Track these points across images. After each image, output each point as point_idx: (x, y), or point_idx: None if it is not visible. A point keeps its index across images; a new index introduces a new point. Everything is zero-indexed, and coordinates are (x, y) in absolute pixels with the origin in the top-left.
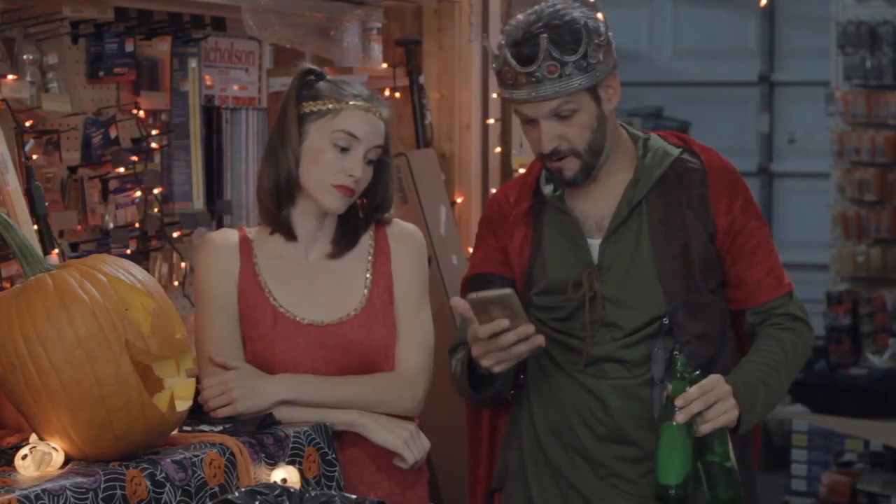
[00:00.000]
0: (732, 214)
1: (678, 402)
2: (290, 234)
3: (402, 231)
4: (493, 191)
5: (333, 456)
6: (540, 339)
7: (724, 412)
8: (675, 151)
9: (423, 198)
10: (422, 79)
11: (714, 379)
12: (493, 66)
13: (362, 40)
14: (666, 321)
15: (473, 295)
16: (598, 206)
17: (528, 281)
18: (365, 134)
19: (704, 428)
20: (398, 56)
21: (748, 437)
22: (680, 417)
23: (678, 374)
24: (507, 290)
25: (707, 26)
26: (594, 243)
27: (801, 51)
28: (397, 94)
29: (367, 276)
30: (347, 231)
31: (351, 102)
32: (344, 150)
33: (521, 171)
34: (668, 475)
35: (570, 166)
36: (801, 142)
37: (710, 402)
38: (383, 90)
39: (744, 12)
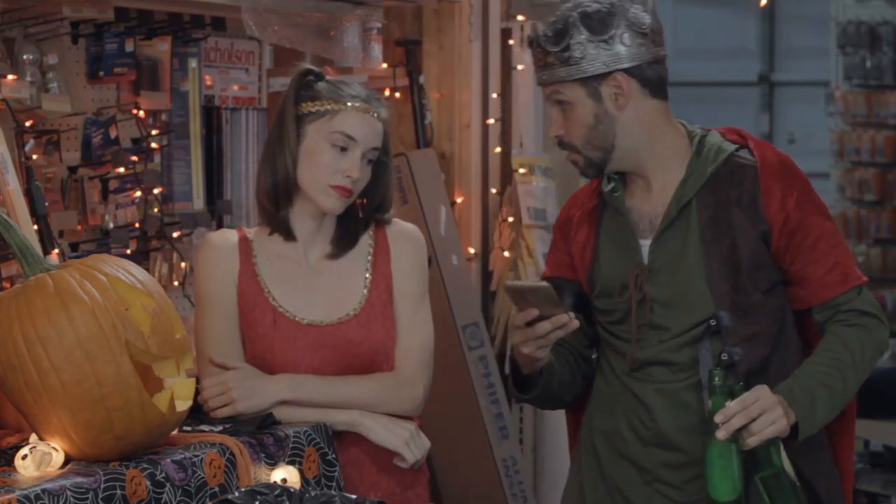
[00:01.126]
0: (787, 210)
1: (718, 418)
2: (288, 235)
3: (402, 231)
4: (493, 191)
5: (333, 456)
6: (575, 324)
7: (771, 423)
8: (730, 148)
9: (423, 198)
10: (422, 79)
11: (757, 390)
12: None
13: (362, 40)
14: (713, 322)
15: (509, 283)
16: (653, 205)
17: (590, 284)
18: (363, 135)
19: (752, 441)
20: (398, 56)
21: (824, 444)
22: (721, 434)
23: (716, 390)
24: (543, 283)
25: (707, 26)
26: (645, 244)
27: (801, 51)
28: (397, 94)
29: (367, 275)
30: (347, 231)
31: (349, 104)
32: (342, 150)
33: (521, 171)
34: (719, 492)
35: (576, 159)
36: (801, 142)
37: (754, 415)
38: (383, 90)
39: (744, 12)
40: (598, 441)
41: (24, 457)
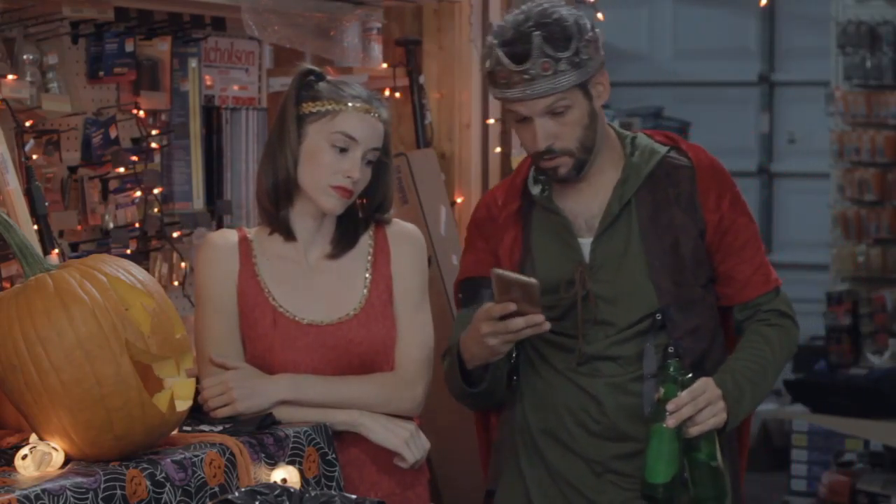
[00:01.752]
0: (721, 211)
1: (670, 406)
2: (288, 235)
3: (402, 231)
4: None
5: (333, 456)
6: (547, 326)
7: (714, 416)
8: (663, 149)
9: (423, 198)
10: (422, 79)
11: (704, 382)
12: (485, 66)
13: (362, 40)
14: (659, 317)
15: (499, 271)
16: (588, 205)
17: None
18: (363, 135)
19: (694, 431)
20: (398, 56)
21: (733, 435)
22: (671, 422)
23: (671, 378)
24: (533, 280)
25: (707, 26)
26: (585, 242)
27: (801, 51)
28: (397, 94)
29: (367, 275)
30: (347, 231)
31: (350, 104)
32: (342, 151)
33: None
34: (656, 475)
35: (564, 163)
36: (801, 142)
37: (701, 406)
38: (383, 90)
39: (744, 12)
40: (541, 440)
41: (24, 457)
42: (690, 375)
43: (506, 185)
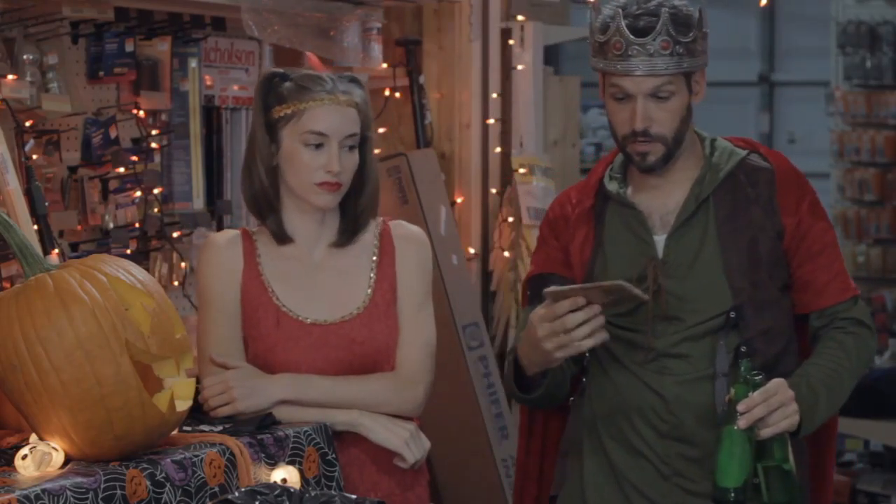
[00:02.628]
0: (800, 215)
1: (741, 407)
2: (281, 239)
3: (408, 233)
4: (493, 191)
5: (333, 456)
6: (605, 335)
7: (786, 417)
8: (742, 152)
9: (423, 198)
10: (422, 79)
11: (777, 384)
12: (600, 36)
13: (362, 40)
14: (732, 315)
15: (553, 288)
16: (664, 201)
17: (588, 278)
18: (333, 128)
19: (766, 433)
20: (398, 56)
21: (804, 448)
22: (742, 423)
23: (742, 378)
24: (592, 284)
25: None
26: (659, 239)
27: (801, 51)
28: (397, 94)
29: (371, 275)
30: (349, 221)
31: (311, 102)
32: (317, 147)
33: (522, 171)
34: (727, 478)
35: (655, 150)
36: (801, 142)
37: (773, 407)
38: (383, 90)
39: (744, 12)
40: (607, 441)
41: (24, 457)
42: (762, 376)
43: (580, 185)
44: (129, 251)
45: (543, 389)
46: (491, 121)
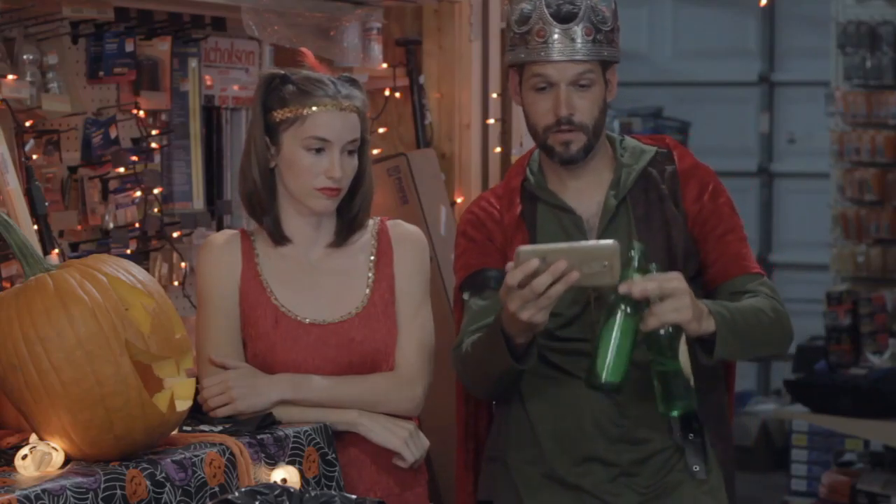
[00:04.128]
0: (701, 202)
1: (622, 288)
2: (278, 239)
3: (406, 233)
4: None
5: (333, 456)
6: (575, 275)
7: (675, 310)
8: (651, 149)
9: (423, 198)
10: (422, 79)
11: (674, 275)
12: (520, 26)
13: (362, 40)
14: None
15: (525, 247)
16: (585, 203)
17: None
18: (336, 134)
19: (651, 322)
20: (398, 56)
21: (720, 373)
22: (623, 288)
23: (632, 263)
24: (572, 244)
25: (707, 26)
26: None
27: (801, 51)
28: (397, 94)
29: (370, 275)
30: (346, 221)
31: (316, 107)
32: (319, 151)
33: None
34: (605, 372)
35: (578, 139)
36: (801, 142)
37: (666, 290)
38: (383, 90)
39: (744, 12)
40: (551, 449)
41: (24, 457)
42: (657, 265)
43: (498, 191)
44: (129, 251)
45: (534, 357)
46: (491, 121)
